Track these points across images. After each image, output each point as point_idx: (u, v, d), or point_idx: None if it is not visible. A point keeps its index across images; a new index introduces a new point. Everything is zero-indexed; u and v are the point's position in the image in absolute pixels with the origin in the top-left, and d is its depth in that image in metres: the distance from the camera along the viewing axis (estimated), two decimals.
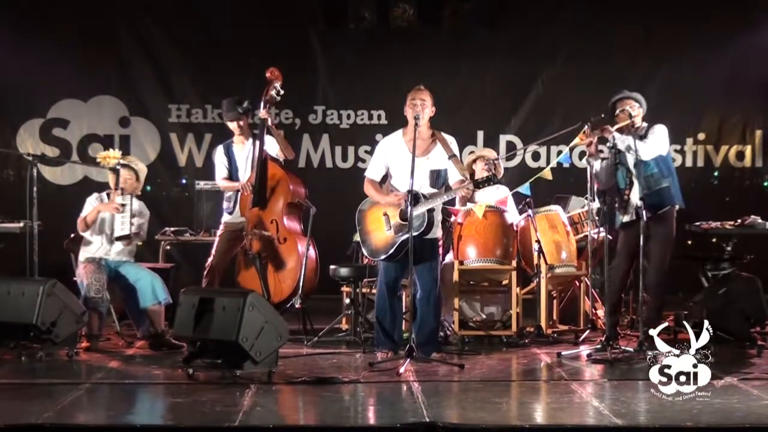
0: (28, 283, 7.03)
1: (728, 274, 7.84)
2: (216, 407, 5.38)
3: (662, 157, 6.97)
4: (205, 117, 10.27)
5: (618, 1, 10.19)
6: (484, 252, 7.51)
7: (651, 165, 6.89)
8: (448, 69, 10.15)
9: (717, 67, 10.19)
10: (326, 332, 7.62)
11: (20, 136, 10.18)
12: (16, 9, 9.96)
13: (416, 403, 5.54)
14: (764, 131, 10.49)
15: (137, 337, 7.48)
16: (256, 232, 7.62)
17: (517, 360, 7.04)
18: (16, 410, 5.30)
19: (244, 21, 10.19)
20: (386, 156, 6.99)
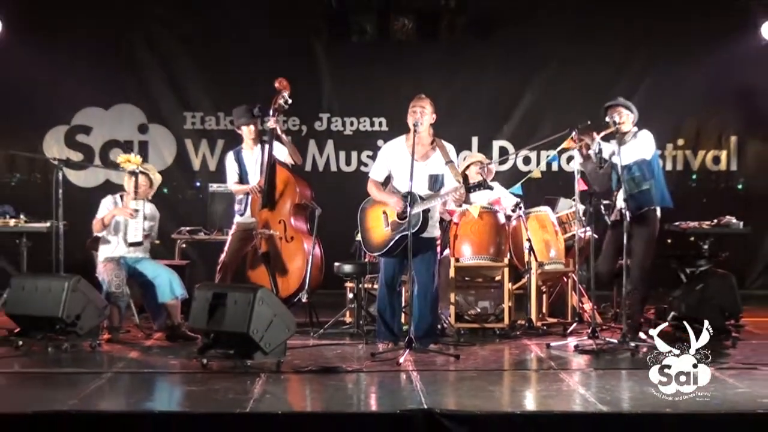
0: (55, 279, 7.04)
1: (705, 271, 7.83)
2: (228, 395, 5.40)
3: (646, 161, 6.95)
4: (218, 124, 10.27)
5: (603, 17, 10.17)
6: (478, 250, 7.52)
7: (633, 169, 6.89)
8: (444, 79, 10.15)
9: (695, 79, 10.20)
10: (331, 325, 7.61)
11: (47, 142, 10.19)
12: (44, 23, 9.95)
13: (415, 391, 5.55)
14: (738, 137, 10.50)
15: (155, 329, 7.49)
16: (265, 231, 7.64)
17: (509, 351, 7.05)
18: (43, 398, 5.32)
19: (254, 34, 10.18)
20: (389, 159, 7.00)
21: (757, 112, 10.44)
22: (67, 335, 6.82)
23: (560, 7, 10.23)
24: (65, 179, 7.84)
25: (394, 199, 6.77)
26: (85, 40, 10.09)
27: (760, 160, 10.53)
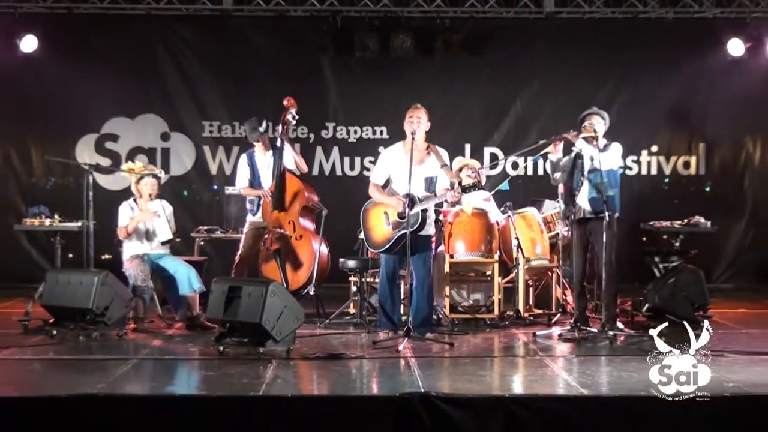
0: (85, 274, 7.07)
1: (676, 266, 7.86)
2: (242, 379, 5.40)
3: (613, 171, 6.95)
4: (233, 132, 10.26)
5: (584, 37, 10.17)
6: (470, 247, 7.52)
7: (603, 175, 6.88)
8: (440, 91, 10.15)
9: (667, 91, 10.22)
10: (336, 315, 7.62)
11: (79, 149, 10.18)
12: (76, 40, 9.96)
13: (413, 375, 5.56)
14: (706, 144, 10.48)
15: (176, 319, 7.48)
16: (276, 230, 7.64)
17: (498, 339, 7.04)
18: (74, 382, 5.32)
19: (265, 50, 10.20)
20: (388, 164, 7.00)
21: (723, 122, 10.44)
22: (97, 325, 6.83)
23: (543, 29, 10.20)
24: (95, 183, 7.87)
25: (395, 200, 6.78)
26: (113, 56, 10.09)
27: (725, 165, 10.51)
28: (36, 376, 5.73)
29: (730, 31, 10.01)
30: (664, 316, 7.38)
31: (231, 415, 4.82)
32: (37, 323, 7.13)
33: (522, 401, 5.02)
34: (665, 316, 7.38)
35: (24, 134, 10.27)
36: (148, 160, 9.71)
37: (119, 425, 4.70)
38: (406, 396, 4.91)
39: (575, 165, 6.95)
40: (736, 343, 6.55)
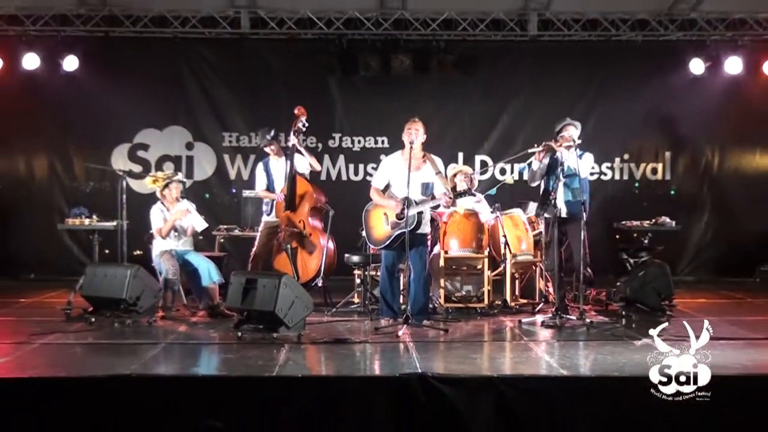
0: (120, 267, 7.07)
1: (645, 261, 7.85)
2: (258, 361, 5.41)
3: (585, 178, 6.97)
4: (250, 142, 10.24)
5: (563, 57, 10.14)
6: (463, 244, 7.50)
7: (576, 181, 6.89)
8: (435, 106, 10.12)
9: (636, 106, 10.19)
10: (342, 304, 7.60)
11: (114, 156, 10.17)
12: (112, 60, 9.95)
13: (411, 358, 5.55)
14: (671, 153, 10.47)
15: (199, 308, 7.45)
16: (288, 229, 7.62)
17: (488, 325, 7.03)
18: (110, 364, 5.33)
19: (278, 69, 10.17)
20: (388, 170, 7.00)
21: (686, 133, 10.43)
22: (130, 313, 6.83)
23: (528, 50, 10.18)
24: (128, 187, 7.91)
25: (393, 203, 6.77)
26: (144, 74, 10.07)
27: (688, 171, 10.50)
28: (77, 359, 5.74)
29: (692, 52, 10.00)
30: (635, 305, 7.39)
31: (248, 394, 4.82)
32: (78, 312, 7.12)
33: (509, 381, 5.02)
34: (635, 305, 7.39)
35: (66, 144, 10.27)
36: (174, 167, 9.78)
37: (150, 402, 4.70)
38: (405, 376, 4.92)
39: (551, 169, 6.95)
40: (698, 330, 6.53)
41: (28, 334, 6.30)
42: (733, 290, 9.20)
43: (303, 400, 4.77)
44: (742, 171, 10.50)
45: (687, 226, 10.08)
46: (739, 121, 10.31)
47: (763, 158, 10.48)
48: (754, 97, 10.21)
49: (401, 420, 4.64)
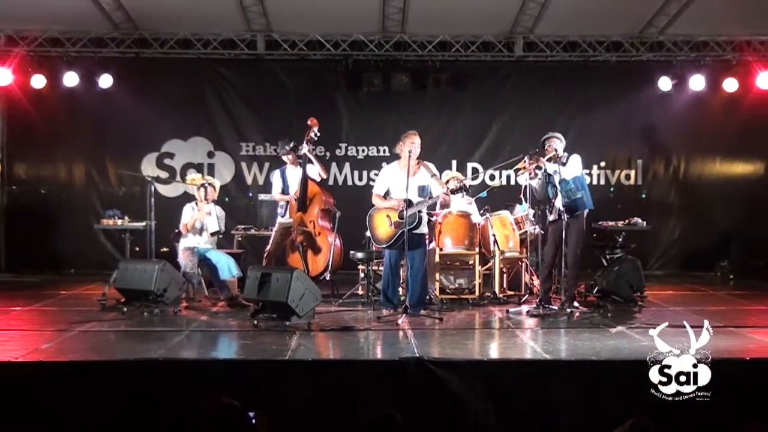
0: (148, 263, 7.08)
1: (620, 257, 7.86)
2: (273, 346, 5.41)
3: (577, 177, 6.91)
4: (265, 151, 10.22)
5: (546, 75, 10.13)
6: (456, 242, 7.51)
7: (570, 182, 6.85)
8: (431, 119, 10.10)
9: (612, 119, 10.16)
10: (348, 296, 7.59)
11: (143, 164, 10.15)
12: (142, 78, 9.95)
13: (409, 344, 5.54)
14: (642, 161, 10.44)
15: (219, 299, 7.44)
16: (300, 228, 7.61)
17: (478, 315, 7.02)
18: (140, 349, 5.33)
19: (291, 86, 10.15)
20: (387, 178, 7.00)
21: (656, 143, 10.41)
22: (157, 303, 6.83)
23: (514, 69, 10.16)
24: (156, 191, 7.90)
25: (395, 202, 6.77)
26: (170, 90, 10.08)
27: (657, 177, 10.48)
28: (110, 344, 5.74)
29: (660, 71, 9.98)
30: (610, 297, 7.38)
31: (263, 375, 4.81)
32: (112, 302, 7.11)
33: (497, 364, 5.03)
34: (611, 297, 7.38)
35: (101, 153, 10.25)
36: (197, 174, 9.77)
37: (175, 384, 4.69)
38: (404, 360, 4.91)
39: (548, 181, 6.93)
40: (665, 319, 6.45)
41: (68, 322, 6.30)
42: (697, 283, 9.19)
43: (312, 381, 4.75)
44: (705, 177, 10.48)
45: (656, 226, 10.07)
46: (702, 133, 10.30)
47: (723, 166, 10.47)
48: (715, 111, 10.21)
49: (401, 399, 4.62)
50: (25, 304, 7.35)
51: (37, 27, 9.53)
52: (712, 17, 9.22)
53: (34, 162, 10.30)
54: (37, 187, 10.28)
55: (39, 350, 5.26)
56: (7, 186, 10.23)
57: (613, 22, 9.51)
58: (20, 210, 10.17)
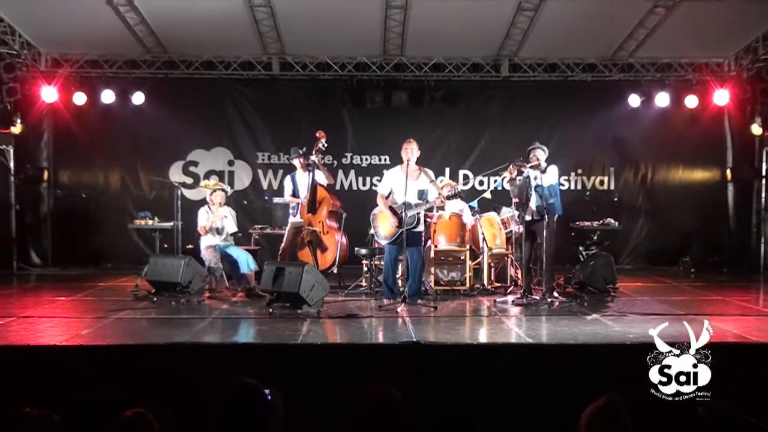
0: (176, 258, 7.13)
1: (595, 253, 7.89)
2: (286, 332, 5.41)
3: (552, 185, 6.93)
4: (279, 160, 10.17)
5: (529, 93, 10.07)
6: (449, 240, 7.51)
7: (546, 189, 6.86)
8: (427, 131, 10.00)
9: (587, 131, 10.14)
10: (353, 287, 7.56)
11: (171, 171, 10.11)
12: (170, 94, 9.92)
13: (408, 329, 5.54)
14: (615, 168, 10.39)
15: (238, 290, 7.43)
16: (310, 228, 7.59)
17: (469, 304, 7.00)
18: (168, 334, 5.35)
19: (303, 102, 10.10)
20: (390, 181, 6.98)
21: (626, 153, 10.37)
22: (183, 294, 6.84)
23: (501, 88, 10.12)
24: (182, 195, 7.90)
25: (392, 218, 6.74)
26: (195, 106, 10.06)
27: (627, 182, 10.43)
28: (142, 330, 5.75)
29: (630, 90, 9.94)
30: (586, 288, 7.36)
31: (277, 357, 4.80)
32: (144, 293, 7.12)
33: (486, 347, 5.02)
34: (587, 288, 7.36)
35: (134, 162, 10.22)
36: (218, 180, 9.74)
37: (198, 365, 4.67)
38: (403, 344, 4.91)
39: (526, 183, 6.92)
40: (635, 307, 6.56)
41: (105, 310, 6.32)
42: (662, 276, 9.16)
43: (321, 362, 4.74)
44: (669, 183, 10.44)
45: (627, 226, 10.04)
46: (667, 144, 10.26)
47: (685, 173, 10.43)
48: (678, 125, 10.17)
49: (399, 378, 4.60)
50: (68, 294, 7.35)
51: (79, 51, 9.55)
52: (675, 42, 9.23)
53: (76, 170, 10.28)
54: (79, 191, 10.25)
55: (80, 335, 5.26)
56: (53, 191, 10.20)
57: (588, 46, 9.50)
58: (64, 212, 10.16)
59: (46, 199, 10.17)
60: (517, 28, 8.91)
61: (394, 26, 8.86)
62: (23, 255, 9.82)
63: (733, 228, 10.24)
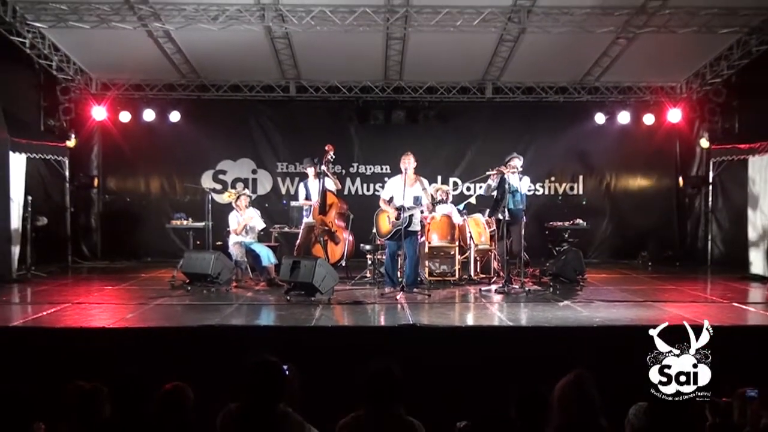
0: (207, 252, 7.12)
1: (566, 249, 7.88)
2: (301, 316, 5.41)
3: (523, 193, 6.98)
4: (295, 169, 10.10)
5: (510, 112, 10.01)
6: (441, 237, 7.48)
7: (517, 195, 6.88)
8: (422, 144, 9.82)
9: (559, 144, 10.05)
10: (359, 278, 7.55)
11: (203, 178, 10.06)
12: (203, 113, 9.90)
13: (405, 313, 5.55)
14: (583, 176, 10.32)
15: (260, 281, 7.43)
16: (321, 227, 7.58)
17: (458, 292, 6.99)
18: (201, 318, 5.35)
19: (315, 120, 10.05)
20: (391, 187, 6.98)
21: (592, 163, 10.31)
22: (213, 284, 6.84)
23: (486, 107, 10.04)
24: (212, 199, 7.88)
25: (393, 210, 6.76)
26: (223, 123, 10.03)
27: (594, 188, 10.35)
28: (178, 314, 5.74)
29: (596, 109, 9.90)
30: (559, 279, 7.35)
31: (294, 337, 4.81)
32: (179, 283, 7.13)
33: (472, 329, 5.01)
34: (559, 278, 7.35)
35: (171, 170, 10.21)
36: (243, 186, 9.76)
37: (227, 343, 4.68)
38: (402, 326, 4.90)
39: (501, 187, 6.92)
40: (600, 295, 6.56)
41: (146, 297, 6.33)
42: (624, 269, 9.13)
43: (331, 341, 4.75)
44: (629, 188, 10.39)
45: (593, 226, 9.94)
46: (627, 156, 10.21)
47: (643, 180, 10.37)
48: (637, 139, 10.11)
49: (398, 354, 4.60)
50: (115, 284, 7.36)
51: (125, 76, 9.54)
52: (635, 69, 9.21)
53: (122, 177, 10.26)
54: (124, 196, 10.24)
55: (125, 319, 5.27)
56: (102, 196, 10.20)
57: (560, 72, 9.49)
58: (111, 213, 10.15)
59: (96, 203, 10.17)
60: (499, 57, 8.91)
61: (394, 55, 8.86)
62: (77, 250, 9.82)
63: (684, 227, 10.22)
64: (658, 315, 5.45)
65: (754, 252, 8.24)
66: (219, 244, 8.18)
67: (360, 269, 7.82)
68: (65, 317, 5.34)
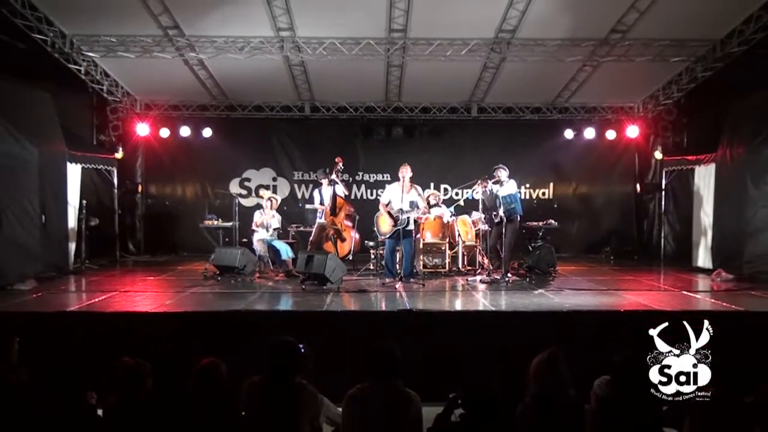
0: (234, 248, 7.12)
1: (540, 245, 7.85)
2: (314, 302, 5.40)
3: (512, 194, 6.89)
4: (309, 177, 10.09)
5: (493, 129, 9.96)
6: (433, 235, 7.46)
7: (508, 197, 6.83)
8: (418, 156, 9.73)
9: (534, 156, 10.01)
10: (363, 270, 7.53)
11: (231, 185, 10.05)
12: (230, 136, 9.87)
13: (403, 300, 5.53)
14: (554, 183, 10.28)
15: (280, 272, 7.40)
16: (331, 227, 7.55)
17: (449, 282, 6.96)
18: (228, 304, 5.34)
19: (327, 135, 10.03)
20: (390, 193, 6.96)
21: (562, 172, 10.28)
22: (240, 275, 6.83)
23: (472, 125, 10.00)
24: (239, 203, 7.88)
25: (390, 220, 6.76)
26: (248, 137, 10.00)
27: (564, 193, 10.31)
28: (210, 301, 5.73)
29: (566, 126, 9.87)
30: (534, 270, 7.33)
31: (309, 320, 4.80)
32: (211, 274, 7.11)
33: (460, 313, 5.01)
34: (534, 270, 7.33)
35: (204, 178, 10.17)
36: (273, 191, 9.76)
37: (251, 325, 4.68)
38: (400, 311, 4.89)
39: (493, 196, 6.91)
40: (569, 284, 6.54)
41: (182, 286, 6.32)
42: (590, 262, 9.10)
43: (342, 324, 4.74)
44: (594, 194, 10.31)
45: (564, 225, 9.85)
46: (592, 166, 10.17)
47: (605, 186, 10.24)
48: (601, 152, 10.10)
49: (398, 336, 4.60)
50: (156, 275, 7.35)
51: (164, 98, 9.56)
52: (599, 91, 9.22)
53: (161, 184, 10.25)
54: (164, 200, 10.22)
55: (164, 304, 5.27)
56: (145, 200, 10.21)
57: (535, 94, 9.49)
58: (153, 215, 10.14)
59: (140, 206, 10.17)
60: (483, 81, 8.92)
61: (394, 80, 8.87)
62: (123, 246, 9.83)
63: (642, 227, 10.20)
64: (619, 301, 5.45)
65: (698, 248, 8.25)
66: (244, 241, 8.17)
67: (364, 262, 7.81)
68: (114, 303, 5.35)
